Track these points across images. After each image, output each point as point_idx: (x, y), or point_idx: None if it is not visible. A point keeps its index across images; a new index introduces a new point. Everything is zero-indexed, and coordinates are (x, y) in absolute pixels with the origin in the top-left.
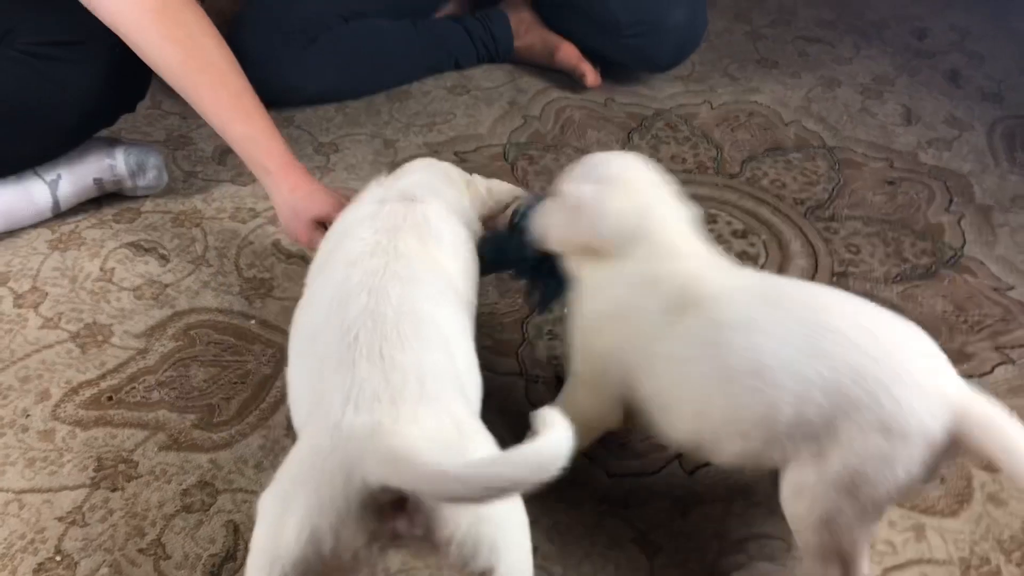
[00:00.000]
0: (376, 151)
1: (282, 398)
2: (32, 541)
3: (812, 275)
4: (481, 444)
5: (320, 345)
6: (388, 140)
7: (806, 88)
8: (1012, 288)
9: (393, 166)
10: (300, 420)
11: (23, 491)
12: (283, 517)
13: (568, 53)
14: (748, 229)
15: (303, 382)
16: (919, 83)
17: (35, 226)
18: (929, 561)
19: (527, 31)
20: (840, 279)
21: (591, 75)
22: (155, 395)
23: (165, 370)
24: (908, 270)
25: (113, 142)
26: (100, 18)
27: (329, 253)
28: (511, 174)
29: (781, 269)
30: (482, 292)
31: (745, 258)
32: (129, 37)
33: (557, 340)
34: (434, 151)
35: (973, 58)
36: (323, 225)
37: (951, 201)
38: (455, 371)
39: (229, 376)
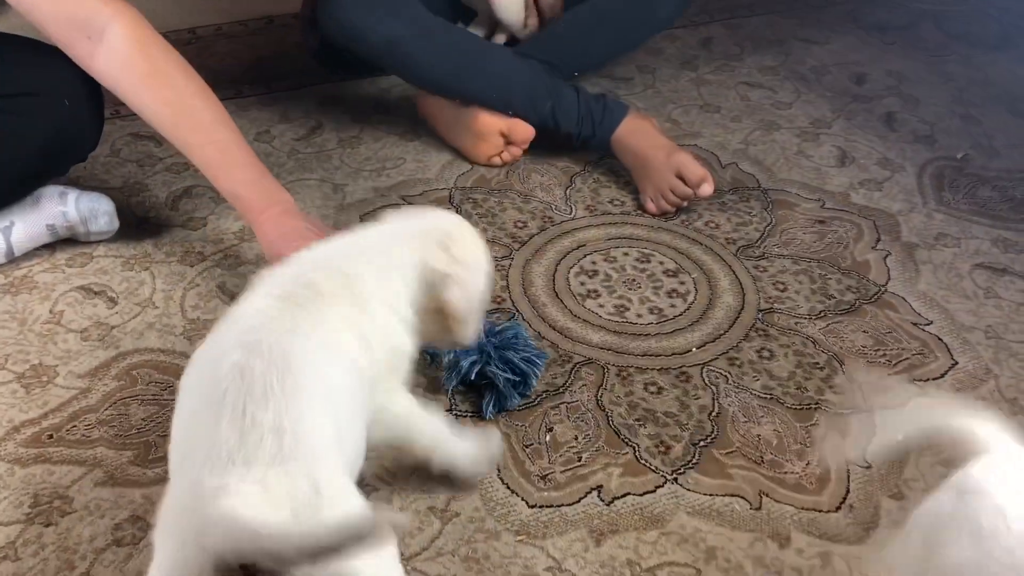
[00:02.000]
0: (325, 195)
1: None
2: None
3: (739, 312)
4: (342, 506)
5: (196, 397)
6: (337, 185)
7: (745, 132)
8: (930, 323)
9: (340, 209)
10: (174, 466)
11: None
12: (155, 569)
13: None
14: (680, 268)
15: (179, 430)
16: (855, 126)
17: None
18: None
19: (646, 122)
20: (766, 315)
21: (710, 184)
22: (95, 433)
23: (106, 409)
24: (832, 306)
25: (66, 189)
26: (99, 82)
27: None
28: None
29: (709, 305)
30: None
31: (675, 295)
32: (126, 99)
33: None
34: (381, 195)
35: (908, 101)
36: None
37: (878, 239)
38: (331, 429)
39: (167, 414)
